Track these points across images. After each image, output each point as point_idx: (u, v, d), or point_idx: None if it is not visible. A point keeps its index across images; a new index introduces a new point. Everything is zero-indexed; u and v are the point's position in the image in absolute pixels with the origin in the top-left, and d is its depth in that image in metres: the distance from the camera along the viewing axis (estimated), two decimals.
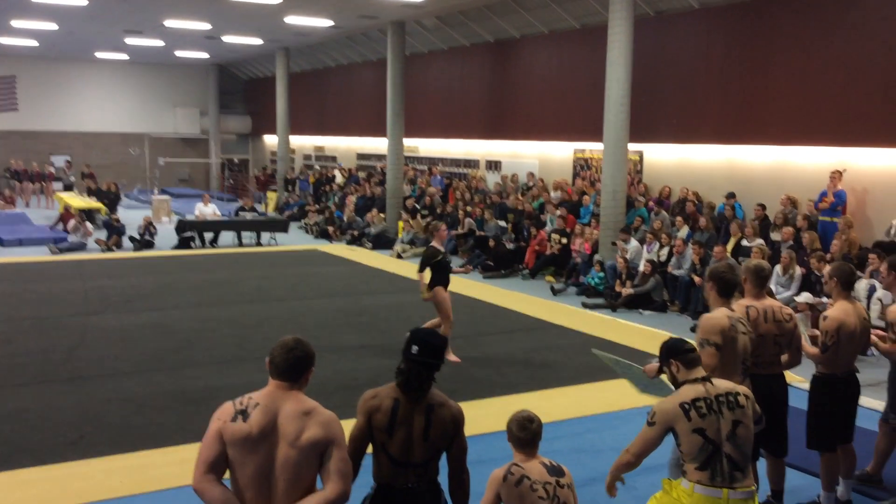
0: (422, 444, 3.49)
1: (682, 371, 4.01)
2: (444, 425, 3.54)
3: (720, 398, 3.87)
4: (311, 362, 3.30)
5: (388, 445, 3.50)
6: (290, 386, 3.24)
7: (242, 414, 3.16)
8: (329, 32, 23.25)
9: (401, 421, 3.49)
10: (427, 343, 3.56)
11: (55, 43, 26.33)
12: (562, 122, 17.55)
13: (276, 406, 3.18)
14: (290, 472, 3.13)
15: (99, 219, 20.80)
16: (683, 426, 3.82)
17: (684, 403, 3.85)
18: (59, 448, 6.41)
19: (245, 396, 3.25)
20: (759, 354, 4.98)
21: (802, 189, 12.75)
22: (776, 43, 13.14)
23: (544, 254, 15.13)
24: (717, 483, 3.75)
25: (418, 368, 3.51)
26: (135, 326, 10.61)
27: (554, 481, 3.72)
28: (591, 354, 9.53)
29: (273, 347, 3.29)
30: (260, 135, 35.32)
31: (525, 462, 3.80)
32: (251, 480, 3.14)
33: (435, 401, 3.57)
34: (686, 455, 3.84)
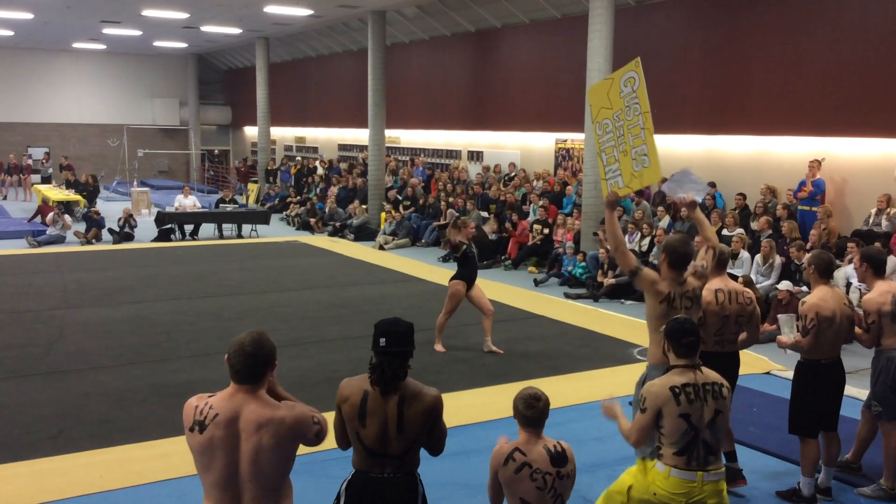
0: (397, 437, 3.47)
1: (672, 355, 4.10)
2: (418, 417, 3.49)
3: (706, 387, 3.98)
4: (269, 361, 3.17)
5: (361, 435, 3.48)
6: (250, 388, 3.13)
7: (199, 425, 3.07)
8: (309, 22, 23.09)
9: (371, 412, 3.46)
10: (393, 332, 3.51)
11: (31, 33, 25.99)
12: (543, 112, 17.55)
13: (235, 413, 3.08)
14: (257, 476, 3.08)
15: (78, 211, 20.59)
16: (671, 409, 3.92)
17: (675, 387, 3.95)
18: (37, 443, 6.35)
19: (204, 403, 3.13)
20: (722, 333, 5.43)
21: (782, 178, 12.83)
22: (756, 33, 13.19)
23: (526, 244, 15.14)
24: (692, 467, 3.91)
25: (389, 360, 3.47)
26: (115, 320, 10.52)
27: (555, 472, 3.71)
28: (571, 344, 9.58)
29: (230, 347, 3.16)
30: (240, 126, 35.09)
31: (530, 445, 3.76)
32: (215, 485, 3.10)
33: (408, 392, 3.51)
34: (666, 437, 3.95)
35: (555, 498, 3.72)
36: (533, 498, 3.69)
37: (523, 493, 3.70)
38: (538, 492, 3.68)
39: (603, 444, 6.45)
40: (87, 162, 30.56)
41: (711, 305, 5.40)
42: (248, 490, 3.09)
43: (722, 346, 5.45)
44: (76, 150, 31.27)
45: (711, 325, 5.40)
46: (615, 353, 9.22)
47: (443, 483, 5.67)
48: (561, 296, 12.59)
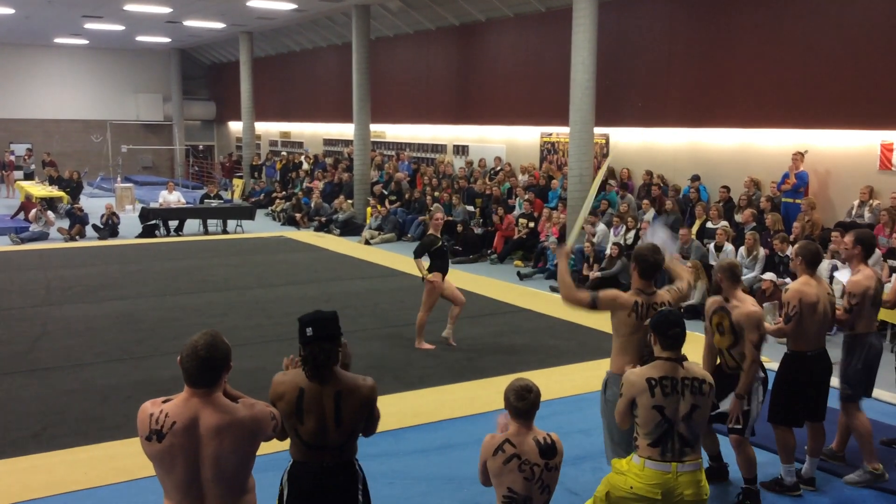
0: (335, 430, 3.49)
1: (657, 348, 4.13)
2: (356, 410, 3.52)
3: (686, 381, 4.02)
4: (224, 364, 3.08)
5: (300, 431, 3.49)
6: (206, 392, 3.05)
7: (157, 434, 2.99)
8: (293, 16, 22.98)
9: (308, 409, 3.46)
10: (319, 320, 3.55)
11: (12, 28, 25.74)
12: (528, 106, 17.55)
13: (193, 419, 3.01)
14: (219, 478, 3.05)
15: (61, 208, 20.45)
16: (645, 400, 3.99)
17: (651, 379, 4.01)
18: (21, 440, 6.32)
19: (160, 410, 3.04)
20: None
21: (766, 171, 12.90)
22: (739, 26, 13.23)
23: (512, 238, 15.16)
24: (666, 458, 3.97)
25: (320, 346, 3.48)
26: (98, 316, 10.46)
27: (543, 464, 3.74)
28: (558, 337, 9.61)
29: (182, 349, 3.08)
30: (224, 121, 34.92)
31: (520, 436, 3.78)
32: (176, 488, 3.06)
33: (345, 386, 3.52)
34: (641, 428, 4.03)
35: (542, 489, 3.76)
36: (520, 488, 3.72)
37: (511, 484, 3.73)
38: (526, 482, 3.72)
39: (588, 437, 6.47)
40: (71, 158, 30.33)
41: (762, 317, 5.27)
42: (210, 490, 3.06)
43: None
44: (59, 146, 31.03)
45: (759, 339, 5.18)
46: (601, 345, 9.23)
47: (428, 477, 5.68)
48: (547, 289, 12.62)
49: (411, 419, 6.69)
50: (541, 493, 3.76)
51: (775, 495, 5.49)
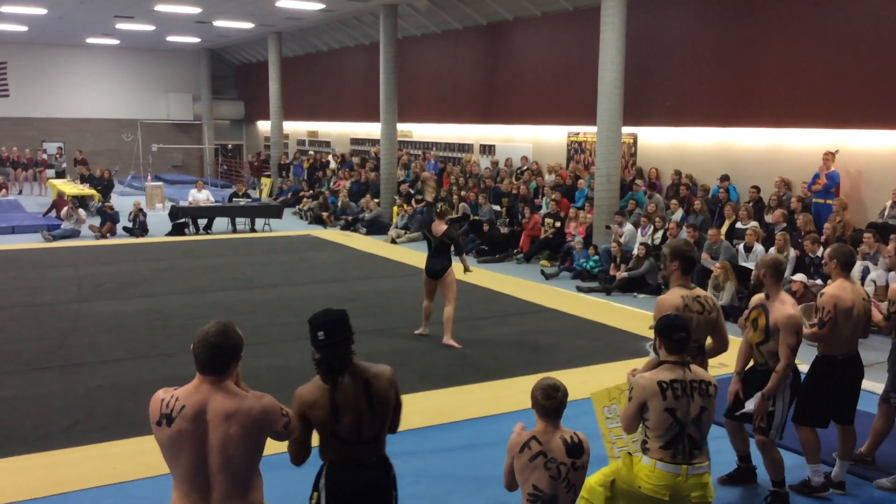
0: (370, 419, 3.49)
1: (663, 352, 4.17)
2: (386, 393, 3.54)
3: (694, 384, 4.08)
4: (235, 353, 3.14)
5: (337, 430, 3.47)
6: (216, 379, 3.11)
7: (167, 419, 3.06)
8: (321, 16, 23.09)
9: (342, 404, 3.45)
10: (329, 322, 3.51)
11: (45, 28, 26.12)
12: (555, 105, 17.49)
13: (202, 405, 3.07)
14: (226, 466, 3.07)
15: (92, 206, 20.70)
16: (657, 403, 4.01)
17: (662, 382, 4.04)
18: (51, 435, 6.40)
19: (170, 396, 3.11)
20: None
21: (796, 171, 12.74)
22: (770, 24, 13.08)
23: (538, 238, 15.11)
24: (677, 461, 4.01)
25: (333, 350, 3.47)
26: (128, 313, 10.57)
27: (570, 463, 3.74)
28: (584, 337, 9.56)
29: (194, 339, 3.14)
30: (253, 120, 35.16)
31: (547, 434, 3.78)
32: (184, 476, 3.10)
33: (368, 373, 3.54)
34: (652, 431, 4.04)
35: (568, 488, 3.74)
36: (546, 486, 3.70)
37: (536, 482, 3.71)
38: (552, 481, 3.70)
39: None
40: (102, 156, 30.71)
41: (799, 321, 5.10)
42: (217, 482, 3.08)
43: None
44: (91, 144, 31.43)
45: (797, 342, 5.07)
46: (627, 346, 9.19)
47: (452, 476, 5.68)
48: (573, 289, 12.56)
49: (436, 418, 6.68)
50: (567, 493, 3.75)
51: (804, 497, 5.42)
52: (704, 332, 4.83)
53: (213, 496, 3.10)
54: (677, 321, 4.17)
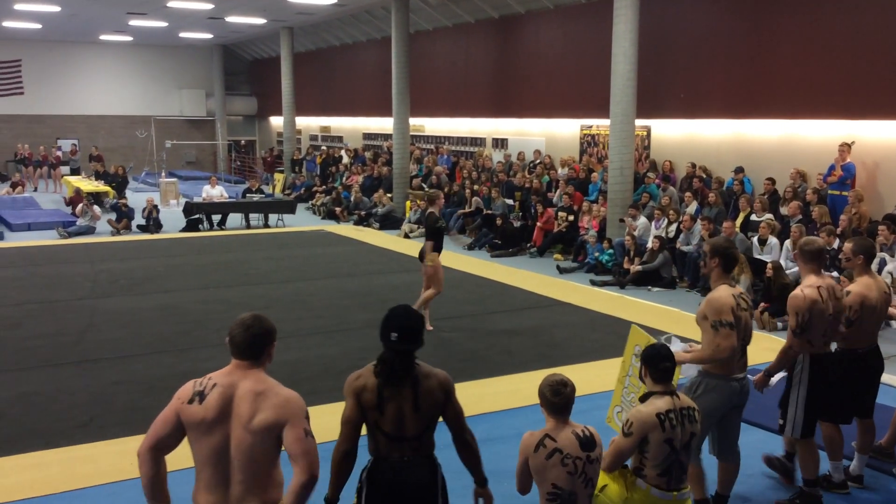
0: (413, 417, 3.48)
1: (650, 381, 4.22)
2: (433, 394, 3.52)
3: (683, 411, 4.11)
4: (270, 339, 3.25)
5: (380, 422, 3.48)
6: (250, 365, 3.19)
7: (199, 396, 3.14)
8: (333, 11, 23.09)
9: (389, 397, 3.46)
10: (405, 328, 3.49)
11: (59, 25, 26.25)
12: (568, 98, 17.43)
13: (233, 387, 3.15)
14: (245, 454, 3.10)
15: (107, 202, 20.80)
16: (657, 436, 4.02)
17: (660, 414, 4.05)
18: (69, 430, 6.45)
19: (206, 377, 3.22)
20: (826, 332, 5.08)
21: (812, 163, 12.65)
22: (784, 15, 12.98)
23: (551, 232, 15.07)
24: (671, 487, 4.06)
25: (401, 357, 3.47)
26: (144, 309, 10.63)
27: (585, 456, 3.75)
28: (598, 331, 9.54)
29: (231, 326, 3.24)
30: (266, 116, 35.24)
31: (558, 430, 3.78)
32: (207, 460, 3.14)
33: (420, 372, 3.53)
34: (650, 461, 4.06)
35: (585, 482, 3.74)
36: (564, 483, 3.70)
37: (555, 479, 3.71)
38: (569, 477, 3.70)
39: None
40: (116, 153, 30.88)
41: (818, 304, 4.95)
42: (236, 471, 3.11)
43: (827, 346, 5.15)
44: (105, 141, 31.59)
45: (819, 325, 4.99)
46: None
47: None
48: (587, 283, 12.53)
49: None
50: (584, 487, 3.75)
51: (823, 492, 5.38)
52: (747, 330, 4.73)
53: (232, 490, 3.12)
54: (663, 350, 4.21)
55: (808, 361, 5.10)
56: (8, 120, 30.64)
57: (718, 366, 4.62)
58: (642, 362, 4.28)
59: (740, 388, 4.70)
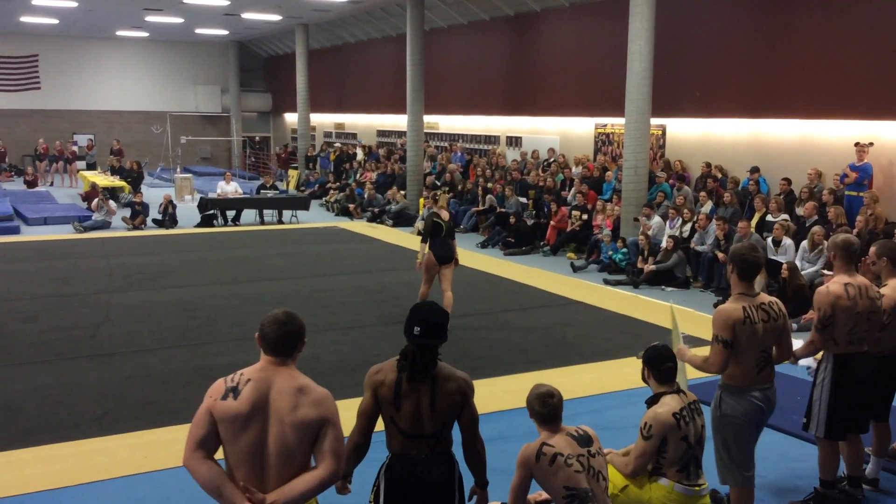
0: (430, 416, 3.48)
1: (653, 382, 4.29)
2: (451, 396, 3.52)
3: (692, 406, 4.21)
4: (302, 335, 3.25)
5: (396, 419, 3.50)
6: (282, 361, 3.18)
7: (233, 391, 3.11)
8: (348, 8, 23.12)
9: (405, 394, 3.48)
10: (430, 323, 3.50)
11: (75, 21, 26.41)
12: (583, 96, 17.38)
13: (268, 382, 3.13)
14: (282, 449, 3.10)
15: (123, 198, 20.91)
16: (675, 435, 4.10)
17: (676, 413, 4.12)
18: (83, 424, 6.49)
19: (237, 373, 3.20)
20: (854, 332, 4.96)
21: (828, 163, 12.56)
22: (802, 13, 12.89)
23: (565, 230, 15.04)
24: (691, 482, 4.13)
25: (423, 351, 3.47)
26: (158, 303, 10.69)
27: (586, 452, 3.78)
28: (611, 330, 9.52)
29: (262, 322, 3.23)
30: (280, 112, 35.33)
31: (552, 437, 3.80)
32: (243, 457, 3.11)
33: (440, 373, 3.54)
34: (669, 460, 4.12)
35: (596, 476, 3.77)
36: (575, 482, 3.71)
37: (565, 482, 3.71)
38: (578, 475, 3.71)
39: None
40: (132, 148, 31.04)
41: (842, 300, 4.84)
42: (271, 467, 3.11)
43: (857, 345, 4.98)
44: (121, 137, 31.74)
45: (843, 323, 4.88)
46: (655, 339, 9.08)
47: None
48: (600, 282, 12.50)
49: None
50: (597, 482, 3.76)
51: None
52: (772, 340, 4.49)
53: (268, 486, 3.12)
54: (665, 351, 4.25)
55: (832, 361, 5.01)
56: (25, 115, 30.87)
57: (733, 378, 4.44)
58: (644, 364, 4.30)
59: (765, 399, 4.46)
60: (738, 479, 4.48)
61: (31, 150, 29.83)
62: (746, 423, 4.44)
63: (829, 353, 5.03)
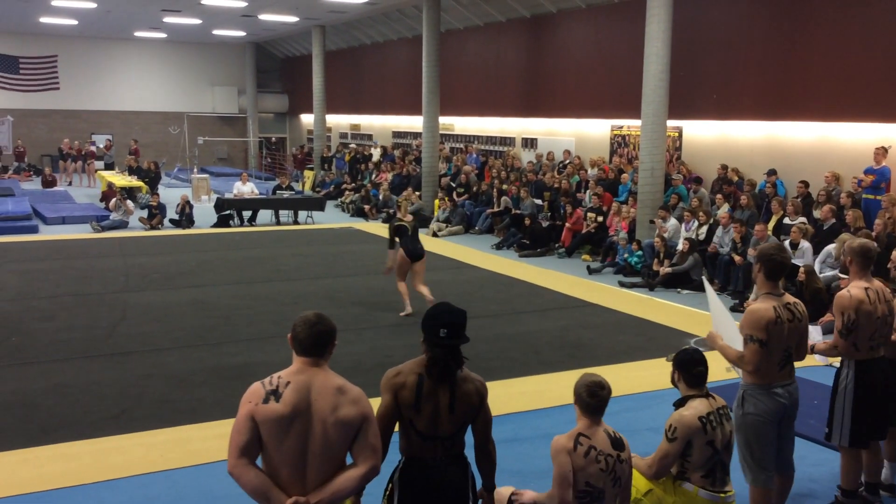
0: (448, 418, 3.48)
1: (683, 385, 4.26)
2: (469, 398, 3.52)
3: (720, 411, 4.16)
4: (333, 336, 3.28)
5: (415, 421, 3.48)
6: (315, 361, 3.21)
7: (274, 394, 3.12)
8: (364, 9, 23.18)
9: (426, 396, 3.47)
10: (454, 324, 3.50)
11: (94, 22, 26.61)
12: (599, 98, 17.34)
13: (307, 384, 3.15)
14: (324, 448, 3.12)
15: (141, 198, 21.04)
16: (700, 439, 4.07)
17: (702, 417, 4.09)
18: (100, 422, 6.54)
19: (273, 376, 3.21)
20: (874, 337, 4.91)
21: (846, 166, 12.47)
22: (819, 15, 12.81)
23: (580, 232, 15.01)
24: (716, 488, 4.09)
25: (452, 352, 3.48)
26: (175, 303, 10.75)
27: (616, 455, 3.76)
28: (626, 333, 9.48)
29: (294, 324, 3.25)
30: (297, 113, 35.45)
31: (590, 430, 3.78)
32: (286, 459, 3.13)
33: (458, 375, 3.54)
34: (693, 465, 4.10)
35: (614, 481, 3.74)
36: (596, 480, 3.70)
37: (589, 476, 3.70)
38: (601, 473, 3.71)
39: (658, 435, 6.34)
40: (149, 149, 31.24)
41: (865, 305, 4.79)
42: (312, 468, 3.13)
43: (876, 350, 4.95)
44: (138, 137, 31.95)
45: (865, 327, 4.82)
46: (671, 342, 9.08)
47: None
48: (615, 284, 12.46)
49: None
50: (613, 486, 3.73)
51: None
52: (795, 340, 4.53)
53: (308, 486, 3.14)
54: (697, 355, 4.21)
55: (854, 368, 4.96)
56: (44, 115, 31.14)
57: (756, 375, 4.47)
58: (675, 367, 4.27)
59: (788, 395, 4.51)
60: (761, 478, 4.52)
61: (49, 150, 30.10)
62: (769, 420, 4.48)
63: (850, 360, 4.97)
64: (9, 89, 30.49)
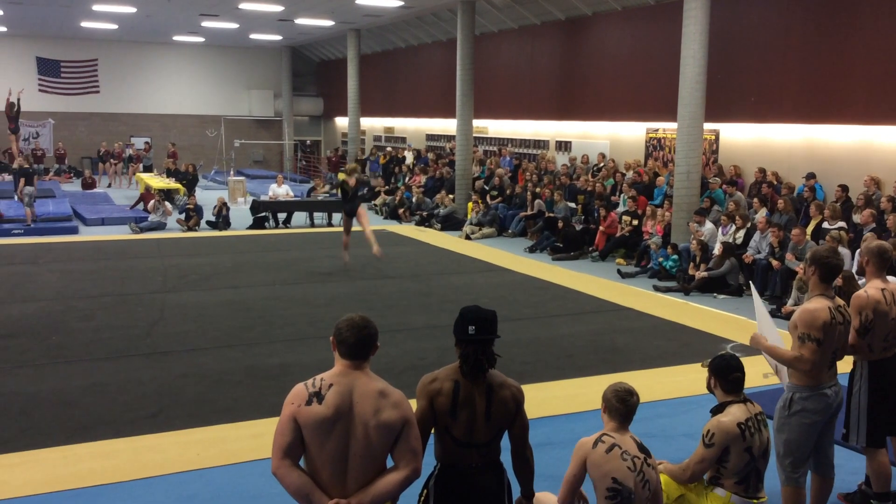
0: (484, 425, 3.47)
1: (719, 391, 4.23)
2: (506, 404, 3.51)
3: (758, 417, 4.14)
4: (376, 339, 3.31)
5: (451, 427, 3.47)
6: (359, 364, 3.23)
7: (317, 396, 3.14)
8: (399, 13, 23.27)
9: (462, 403, 3.46)
10: (483, 320, 3.50)
11: (134, 26, 27.03)
12: (634, 101, 17.23)
13: (349, 386, 3.17)
14: (366, 451, 3.14)
15: (178, 200, 21.30)
16: (738, 445, 4.05)
17: (741, 423, 4.07)
18: (138, 421, 6.62)
19: (316, 378, 3.23)
20: (887, 338, 4.93)
21: (887, 170, 12.25)
22: (859, 16, 12.60)
23: (614, 236, 14.91)
24: (749, 494, 4.08)
25: (482, 347, 3.47)
26: (211, 304, 10.86)
27: (643, 457, 3.75)
28: (661, 338, 9.40)
29: (339, 326, 3.27)
30: (331, 116, 35.68)
31: (617, 432, 3.79)
32: (328, 461, 3.15)
33: (494, 381, 3.53)
34: (729, 471, 4.08)
35: (643, 483, 3.71)
36: (623, 476, 3.66)
37: (614, 472, 3.66)
38: (629, 472, 3.68)
39: (693, 441, 6.29)
40: (187, 151, 31.65)
41: (882, 305, 4.83)
42: (353, 469, 3.15)
43: (888, 351, 4.97)
44: (176, 140, 32.34)
45: (880, 328, 4.86)
46: (707, 348, 8.98)
47: None
48: (650, 288, 12.36)
49: None
50: (643, 488, 3.70)
51: None
52: (841, 342, 4.60)
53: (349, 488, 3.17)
54: (733, 361, 4.19)
55: (868, 368, 4.98)
56: (84, 118, 31.71)
57: (806, 377, 4.45)
58: (711, 373, 4.23)
59: (834, 396, 4.54)
60: (795, 476, 4.49)
61: (89, 152, 30.64)
62: (819, 420, 4.49)
63: (863, 361, 4.99)
64: (50, 92, 31.10)
